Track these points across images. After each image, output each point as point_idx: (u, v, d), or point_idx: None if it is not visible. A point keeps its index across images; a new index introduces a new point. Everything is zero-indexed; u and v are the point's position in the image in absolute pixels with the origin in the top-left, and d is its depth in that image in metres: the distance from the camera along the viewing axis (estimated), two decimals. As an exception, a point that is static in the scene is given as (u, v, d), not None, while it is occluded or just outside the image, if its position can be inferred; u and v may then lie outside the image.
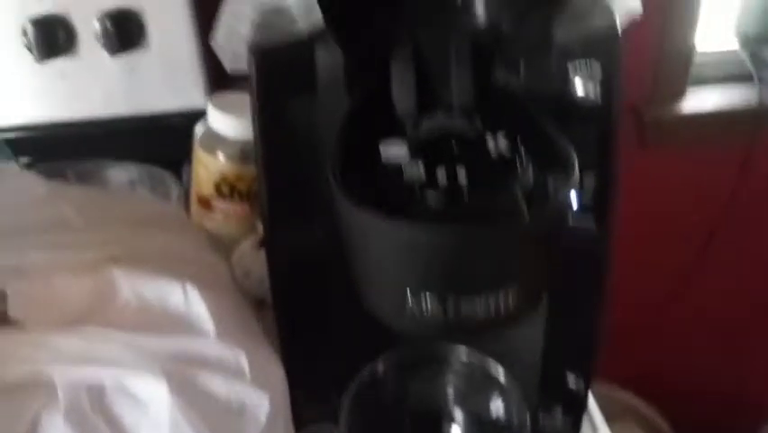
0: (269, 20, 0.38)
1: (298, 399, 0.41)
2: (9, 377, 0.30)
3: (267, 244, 0.42)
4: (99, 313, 0.33)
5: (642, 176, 0.90)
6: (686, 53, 1.04)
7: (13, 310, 0.33)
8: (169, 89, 0.73)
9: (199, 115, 0.66)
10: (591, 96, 0.35)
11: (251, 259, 0.61)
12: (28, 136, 0.69)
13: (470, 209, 0.27)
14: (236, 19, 0.40)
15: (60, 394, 0.30)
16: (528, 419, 0.40)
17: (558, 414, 0.47)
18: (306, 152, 0.38)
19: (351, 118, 0.34)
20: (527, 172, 0.29)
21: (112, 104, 0.72)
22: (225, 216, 0.64)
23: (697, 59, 1.06)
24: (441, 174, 0.28)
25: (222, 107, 0.63)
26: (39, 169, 0.56)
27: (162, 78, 0.72)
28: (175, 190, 0.62)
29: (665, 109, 1.06)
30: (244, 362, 0.33)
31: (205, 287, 0.35)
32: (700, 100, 1.08)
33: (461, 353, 0.43)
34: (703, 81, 1.10)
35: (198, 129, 0.65)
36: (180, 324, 0.34)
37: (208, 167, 0.63)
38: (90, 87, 0.71)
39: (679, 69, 1.06)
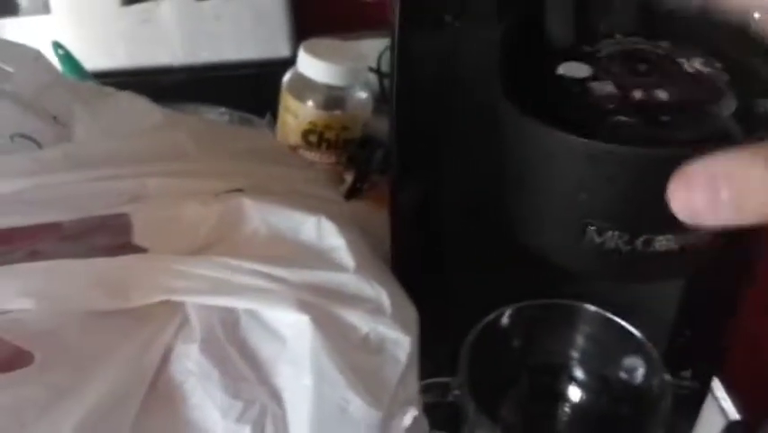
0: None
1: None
2: (139, 305, 0.28)
3: (392, 191, 0.39)
4: (228, 241, 0.31)
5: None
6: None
7: (139, 238, 0.31)
8: (254, 38, 0.71)
9: (283, 64, 0.64)
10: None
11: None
12: (111, 81, 0.67)
13: (673, 131, 0.24)
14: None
15: (195, 323, 0.28)
16: (667, 382, 0.37)
17: (686, 379, 0.43)
18: (446, 86, 0.35)
19: (509, 42, 0.30)
20: (731, 91, 0.25)
21: (195, 51, 0.70)
22: (314, 167, 0.62)
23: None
24: (636, 92, 0.25)
25: (313, 52, 0.60)
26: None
27: (247, 26, 0.70)
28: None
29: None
30: (385, 300, 0.30)
31: (337, 221, 0.32)
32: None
33: (591, 310, 0.40)
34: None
35: (287, 76, 0.63)
36: (315, 256, 0.31)
37: (297, 114, 0.61)
38: (174, 33, 0.69)
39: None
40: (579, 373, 0.42)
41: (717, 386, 0.50)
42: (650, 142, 0.24)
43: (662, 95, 0.25)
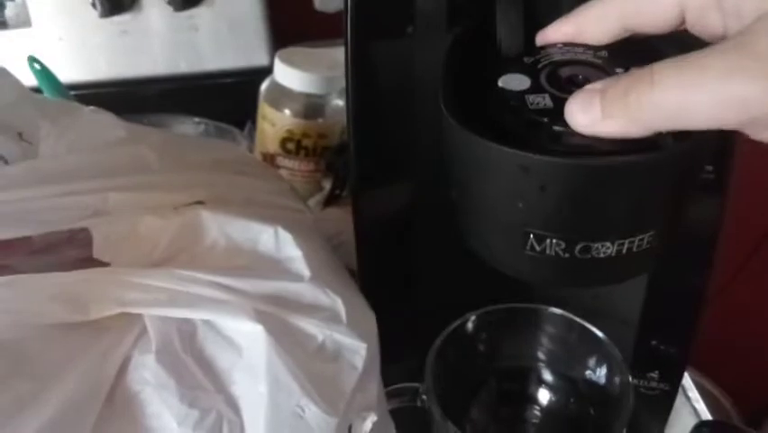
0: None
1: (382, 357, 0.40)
2: (98, 317, 0.29)
3: (353, 197, 0.40)
4: (186, 254, 0.32)
5: None
6: None
7: (98, 252, 0.32)
8: (232, 47, 0.71)
9: (262, 73, 0.64)
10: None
11: (318, 217, 0.59)
12: (89, 93, 0.68)
13: (604, 140, 0.24)
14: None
15: (152, 335, 0.29)
16: (631, 382, 0.38)
17: (654, 381, 0.44)
18: (401, 96, 0.36)
19: (456, 51, 0.31)
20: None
21: (174, 61, 0.70)
22: (291, 174, 0.63)
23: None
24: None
25: (289, 61, 0.61)
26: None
27: (225, 36, 0.71)
28: (243, 145, 0.60)
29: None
30: (341, 308, 0.31)
31: (296, 231, 0.33)
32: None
33: (556, 313, 0.41)
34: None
35: (264, 85, 0.64)
36: (272, 267, 0.32)
37: (274, 123, 0.62)
38: (153, 44, 0.69)
39: None
40: (546, 376, 0.43)
41: (690, 386, 0.51)
42: (583, 152, 0.24)
43: None
